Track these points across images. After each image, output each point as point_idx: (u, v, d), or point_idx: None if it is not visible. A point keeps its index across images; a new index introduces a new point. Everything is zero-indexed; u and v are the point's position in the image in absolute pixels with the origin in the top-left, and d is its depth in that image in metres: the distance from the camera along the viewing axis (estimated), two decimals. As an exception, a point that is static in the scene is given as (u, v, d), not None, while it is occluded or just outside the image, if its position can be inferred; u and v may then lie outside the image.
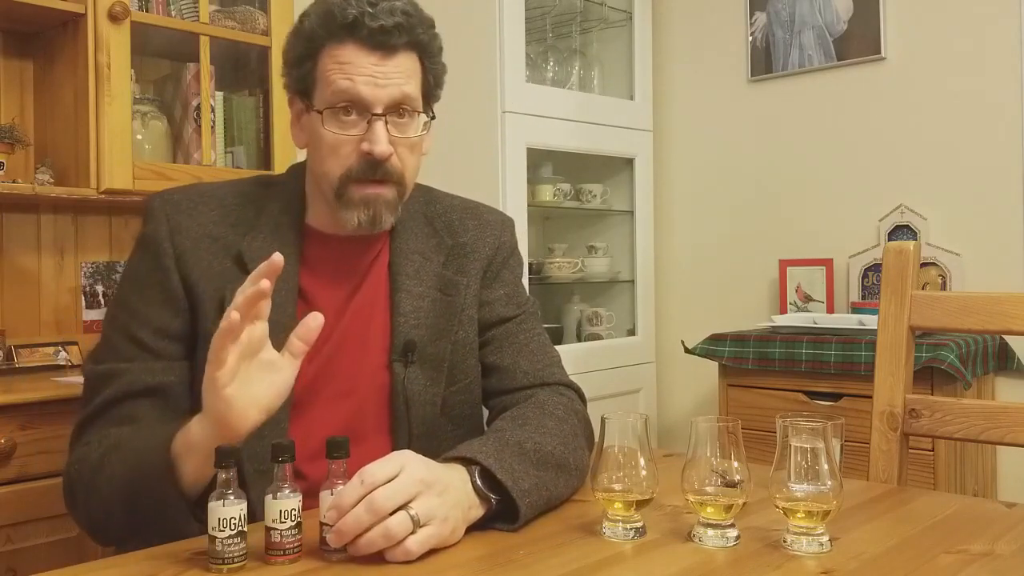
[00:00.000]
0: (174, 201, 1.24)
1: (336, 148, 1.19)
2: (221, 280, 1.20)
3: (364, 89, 1.16)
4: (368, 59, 1.17)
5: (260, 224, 1.24)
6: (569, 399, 1.28)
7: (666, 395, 3.27)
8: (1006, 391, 2.58)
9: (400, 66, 1.19)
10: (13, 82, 2.32)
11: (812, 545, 0.95)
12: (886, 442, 1.34)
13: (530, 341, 1.34)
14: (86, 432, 1.16)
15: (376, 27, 1.16)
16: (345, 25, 1.16)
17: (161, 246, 1.21)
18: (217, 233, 1.23)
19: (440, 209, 1.37)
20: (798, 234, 2.94)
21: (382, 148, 1.17)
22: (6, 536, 1.81)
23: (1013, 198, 2.56)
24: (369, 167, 1.18)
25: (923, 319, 1.35)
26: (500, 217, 1.42)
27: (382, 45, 1.17)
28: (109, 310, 1.24)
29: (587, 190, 3.08)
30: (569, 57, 3.14)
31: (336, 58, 1.18)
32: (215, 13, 2.44)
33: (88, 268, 2.42)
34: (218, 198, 1.26)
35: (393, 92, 1.18)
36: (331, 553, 0.92)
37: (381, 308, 1.27)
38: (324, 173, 1.21)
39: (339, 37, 1.17)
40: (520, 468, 1.05)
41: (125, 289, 1.23)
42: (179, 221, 1.22)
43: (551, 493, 1.09)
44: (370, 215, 1.20)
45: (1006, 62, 2.56)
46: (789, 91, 2.98)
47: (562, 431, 1.18)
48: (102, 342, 1.22)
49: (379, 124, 1.17)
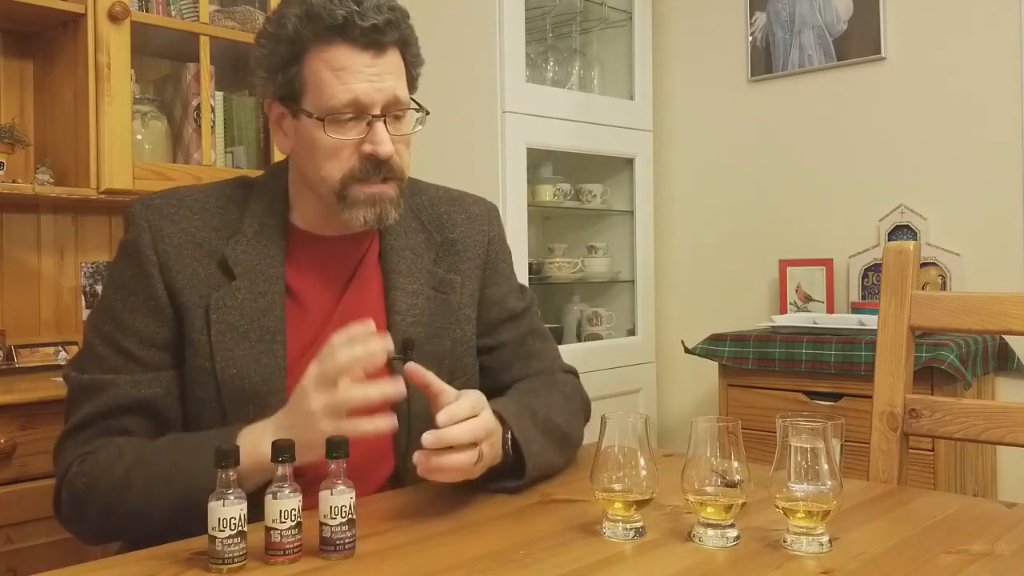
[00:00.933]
0: (155, 206, 1.22)
1: (336, 152, 1.18)
2: (206, 286, 1.19)
3: (363, 95, 1.16)
4: (361, 60, 1.16)
5: (244, 227, 1.23)
6: (574, 382, 1.42)
7: (666, 395, 3.27)
8: (1006, 391, 2.58)
9: (391, 64, 1.19)
10: (13, 82, 2.32)
11: (812, 545, 0.95)
12: (886, 442, 1.35)
13: (536, 342, 1.41)
14: (74, 444, 1.15)
15: (368, 26, 1.15)
16: (334, 26, 1.15)
17: (144, 253, 1.19)
18: (200, 238, 1.21)
19: (426, 201, 1.37)
20: (798, 234, 2.94)
21: (387, 148, 1.17)
22: (6, 536, 1.81)
23: (1013, 198, 2.56)
24: (373, 168, 1.18)
25: (923, 319, 1.35)
26: (486, 208, 1.42)
27: (374, 44, 1.16)
28: (92, 318, 1.22)
29: (587, 190, 3.08)
30: (569, 57, 3.14)
31: (328, 62, 1.16)
32: (215, 13, 2.44)
33: (88, 268, 2.42)
34: (200, 202, 1.24)
35: (389, 94, 1.18)
36: (331, 553, 0.93)
37: (375, 306, 1.27)
38: (322, 177, 1.20)
39: (327, 38, 1.16)
40: (532, 433, 1.17)
41: (109, 297, 1.21)
42: (161, 227, 1.20)
43: (551, 461, 1.22)
44: (377, 213, 1.20)
45: (1006, 62, 2.56)
46: (789, 91, 2.98)
47: (567, 408, 1.31)
48: (85, 350, 1.20)
49: (380, 125, 1.17)
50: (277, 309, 1.20)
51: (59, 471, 1.15)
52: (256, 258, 1.21)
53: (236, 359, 1.17)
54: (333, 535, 0.93)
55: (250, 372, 1.17)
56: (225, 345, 1.17)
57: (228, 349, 1.17)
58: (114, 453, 1.11)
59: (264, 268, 1.21)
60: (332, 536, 0.93)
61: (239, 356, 1.17)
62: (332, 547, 0.93)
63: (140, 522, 1.05)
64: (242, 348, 1.17)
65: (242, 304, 1.19)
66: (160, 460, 1.09)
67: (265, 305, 1.20)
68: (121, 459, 1.10)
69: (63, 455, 1.16)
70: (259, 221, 1.24)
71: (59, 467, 1.16)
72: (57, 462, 1.17)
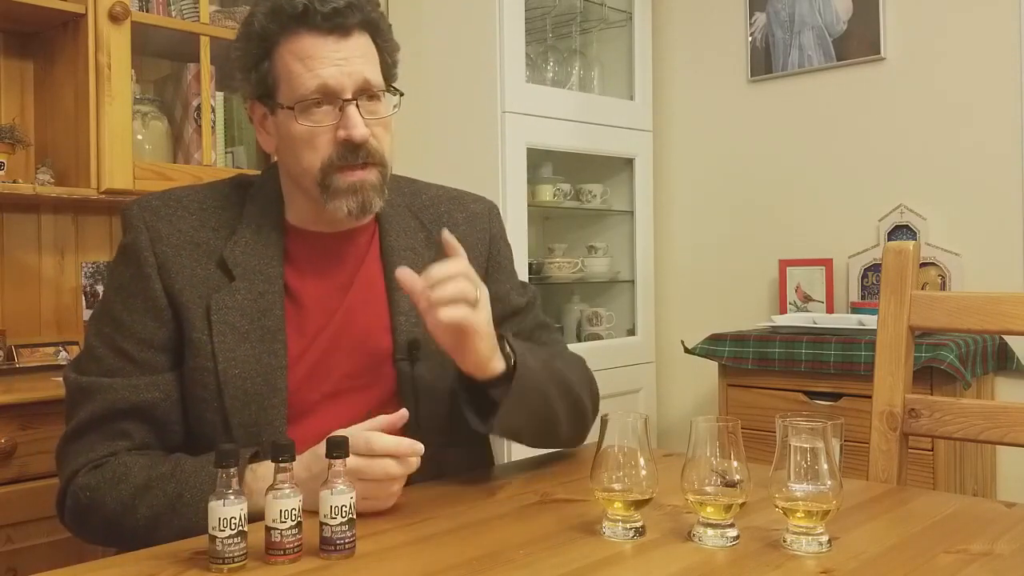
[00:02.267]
0: (152, 208, 1.22)
1: (311, 140, 1.18)
2: (205, 287, 1.19)
3: (331, 80, 1.16)
4: (326, 46, 1.17)
5: (241, 226, 1.23)
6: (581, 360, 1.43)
7: (666, 395, 3.27)
8: (1006, 391, 2.58)
9: (358, 47, 1.19)
10: (13, 82, 2.32)
11: (812, 545, 0.95)
12: (886, 442, 1.35)
13: (542, 334, 1.41)
14: (76, 450, 1.15)
15: (328, 11, 1.16)
16: (296, 16, 1.16)
17: (142, 255, 1.19)
18: (199, 238, 1.22)
19: (426, 201, 1.37)
20: (798, 234, 2.94)
21: (360, 131, 1.17)
22: (6, 536, 1.81)
23: (1013, 198, 2.56)
24: (350, 152, 1.18)
25: (923, 319, 1.35)
26: (486, 206, 1.43)
27: (338, 28, 1.17)
28: (93, 319, 1.23)
29: (587, 190, 3.08)
30: (569, 57, 3.14)
31: (295, 52, 1.17)
32: (215, 13, 2.44)
33: (88, 268, 2.42)
34: (197, 202, 1.25)
35: (358, 77, 1.17)
36: (331, 553, 0.93)
37: (378, 306, 1.27)
38: (303, 169, 1.20)
39: (292, 29, 1.17)
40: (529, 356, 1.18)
41: (109, 299, 1.22)
42: (159, 229, 1.20)
43: (547, 393, 1.21)
44: (359, 202, 1.19)
45: (1006, 62, 2.56)
46: (789, 91, 2.98)
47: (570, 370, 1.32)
48: (86, 351, 1.21)
49: (352, 108, 1.17)
50: (277, 309, 1.21)
51: (63, 476, 1.16)
52: (255, 258, 1.21)
53: (237, 359, 1.17)
54: (333, 535, 0.93)
55: (252, 372, 1.17)
56: (227, 346, 1.17)
57: (230, 350, 1.17)
58: (120, 472, 1.11)
59: (263, 268, 1.22)
60: (332, 536, 0.93)
61: (240, 356, 1.17)
62: (332, 547, 0.93)
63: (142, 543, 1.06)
64: (243, 348, 1.18)
65: (242, 304, 1.19)
66: (166, 490, 1.09)
67: (265, 305, 1.20)
68: (127, 480, 1.11)
69: (66, 460, 1.16)
70: (256, 220, 1.24)
71: (63, 472, 1.16)
72: (60, 466, 1.17)
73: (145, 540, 1.03)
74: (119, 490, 1.10)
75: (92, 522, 1.13)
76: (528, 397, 1.17)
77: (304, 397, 1.21)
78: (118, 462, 1.13)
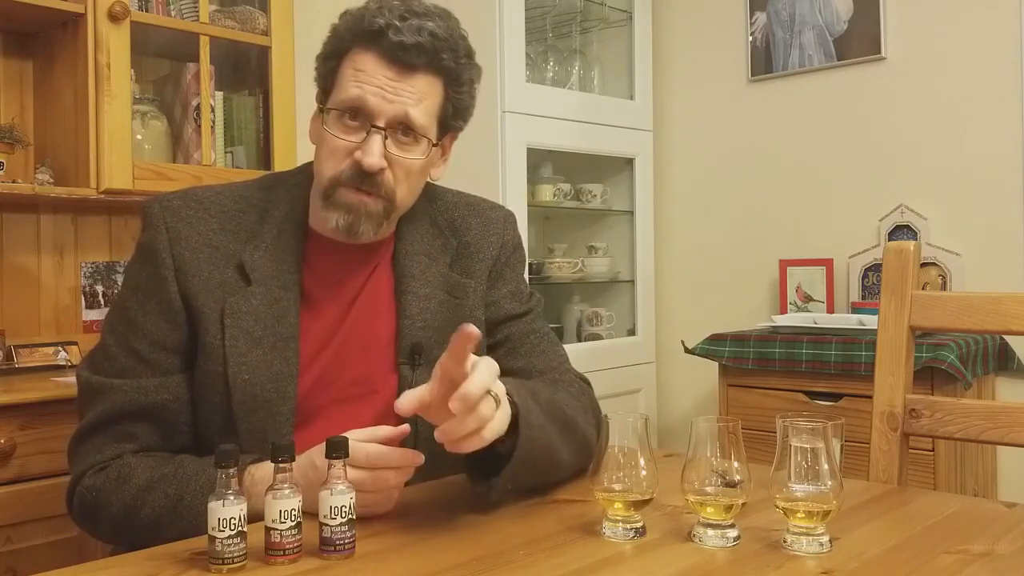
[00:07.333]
0: (173, 208, 1.21)
1: (334, 151, 1.18)
2: (222, 291, 1.18)
3: (371, 100, 1.15)
4: (383, 72, 1.16)
5: (263, 232, 1.22)
6: (580, 387, 1.34)
7: (666, 395, 3.27)
8: (1006, 391, 2.58)
9: (415, 86, 1.17)
10: (13, 82, 2.32)
11: (812, 545, 0.95)
12: (886, 442, 1.34)
13: (540, 342, 1.36)
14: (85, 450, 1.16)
15: (397, 42, 1.15)
16: (370, 32, 1.16)
17: (159, 256, 1.19)
18: (218, 242, 1.21)
19: (442, 206, 1.36)
20: (798, 234, 2.94)
21: (372, 160, 1.16)
22: (6, 536, 1.81)
23: (1013, 198, 2.56)
24: (357, 175, 1.17)
25: (923, 319, 1.35)
26: (502, 213, 1.41)
27: (399, 60, 1.16)
28: (109, 315, 1.23)
29: (587, 190, 3.08)
30: (569, 57, 3.14)
31: (355, 63, 1.17)
32: (215, 13, 2.44)
33: (88, 268, 2.42)
34: (219, 204, 1.24)
35: (399, 109, 1.16)
36: (331, 553, 0.93)
37: (386, 310, 1.26)
38: (319, 172, 1.21)
39: (363, 43, 1.17)
40: (531, 405, 1.08)
41: (125, 297, 1.22)
42: (179, 230, 1.20)
43: (551, 441, 1.12)
44: (349, 221, 1.18)
45: (1007, 62, 2.56)
46: (789, 91, 2.98)
47: (572, 405, 1.23)
48: (100, 348, 1.21)
49: (376, 137, 1.16)
50: (292, 316, 1.20)
51: (73, 474, 1.17)
52: (274, 263, 1.21)
53: (248, 364, 1.16)
54: (333, 535, 0.93)
55: (262, 378, 1.17)
56: (238, 350, 1.16)
57: (241, 354, 1.16)
58: (124, 474, 1.12)
59: (281, 274, 1.21)
60: (332, 536, 0.93)
61: (251, 361, 1.17)
62: (332, 547, 0.93)
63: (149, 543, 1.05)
64: (255, 354, 1.17)
65: (257, 310, 1.18)
66: (167, 492, 1.09)
67: (280, 311, 1.19)
68: (130, 482, 1.11)
69: (76, 459, 1.17)
70: (279, 226, 1.23)
71: (73, 470, 1.17)
72: (71, 464, 1.18)
73: (151, 540, 1.03)
74: (123, 491, 1.11)
75: (99, 522, 1.14)
76: (532, 458, 1.10)
77: (312, 403, 1.20)
78: (123, 463, 1.13)
